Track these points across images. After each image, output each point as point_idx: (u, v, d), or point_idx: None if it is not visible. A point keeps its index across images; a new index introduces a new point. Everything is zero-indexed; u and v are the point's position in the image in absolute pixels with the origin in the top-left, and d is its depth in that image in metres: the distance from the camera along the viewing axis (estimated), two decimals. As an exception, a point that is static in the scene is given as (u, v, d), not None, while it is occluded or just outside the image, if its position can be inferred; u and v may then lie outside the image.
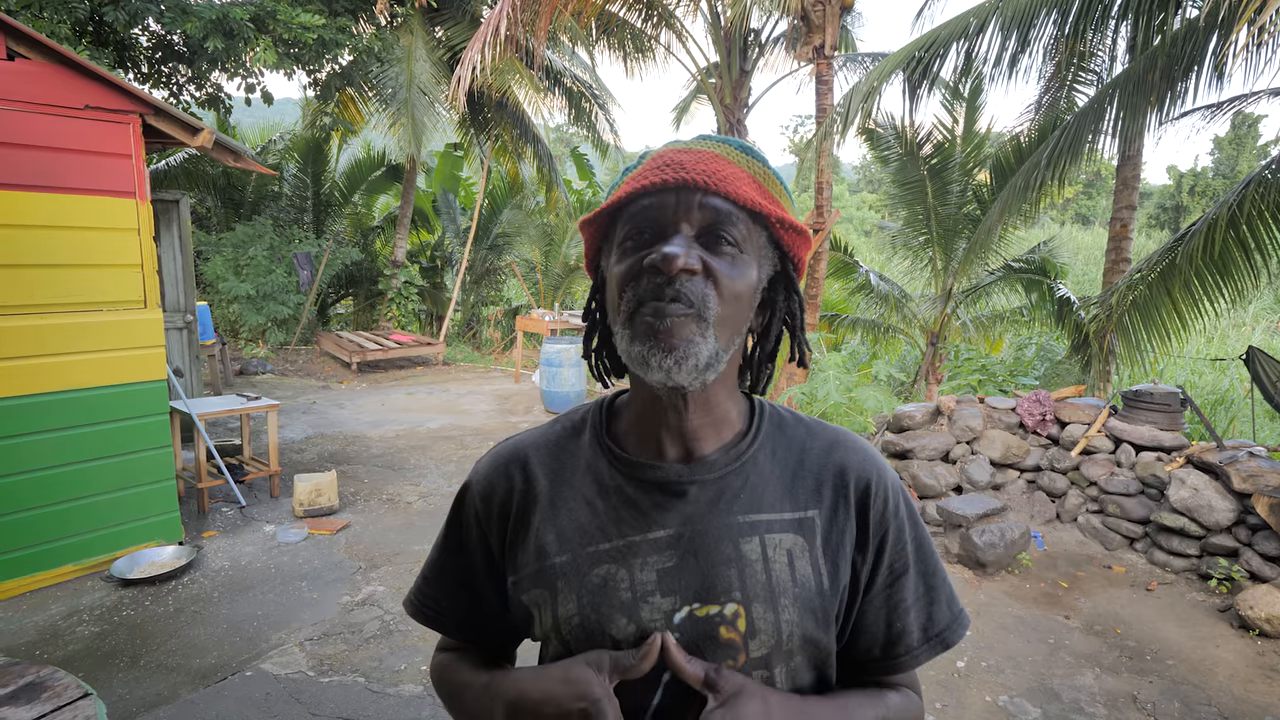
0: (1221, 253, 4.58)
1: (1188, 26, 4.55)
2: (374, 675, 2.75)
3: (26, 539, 3.26)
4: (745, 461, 0.72)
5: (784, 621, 0.68)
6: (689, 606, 0.67)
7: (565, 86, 10.61)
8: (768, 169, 0.72)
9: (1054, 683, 2.80)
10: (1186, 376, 8.44)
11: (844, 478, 0.73)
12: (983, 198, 7.45)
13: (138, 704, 2.52)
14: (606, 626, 0.68)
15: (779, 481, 0.72)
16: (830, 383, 5.24)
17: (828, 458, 0.74)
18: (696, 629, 0.67)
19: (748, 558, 0.68)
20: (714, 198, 0.65)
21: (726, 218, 0.66)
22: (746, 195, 0.66)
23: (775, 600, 0.68)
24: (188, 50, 7.49)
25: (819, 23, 6.39)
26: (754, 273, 0.68)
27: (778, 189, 0.72)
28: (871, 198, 29.00)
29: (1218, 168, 25.80)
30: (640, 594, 0.68)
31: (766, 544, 0.69)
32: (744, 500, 0.71)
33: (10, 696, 1.38)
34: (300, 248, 10.31)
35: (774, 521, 0.70)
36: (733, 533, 0.69)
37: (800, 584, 0.69)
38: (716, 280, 0.64)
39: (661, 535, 0.70)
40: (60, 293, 3.25)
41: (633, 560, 0.69)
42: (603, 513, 0.72)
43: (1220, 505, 3.61)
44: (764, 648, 0.67)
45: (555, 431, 0.80)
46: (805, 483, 0.73)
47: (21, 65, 3.06)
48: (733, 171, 0.67)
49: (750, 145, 0.73)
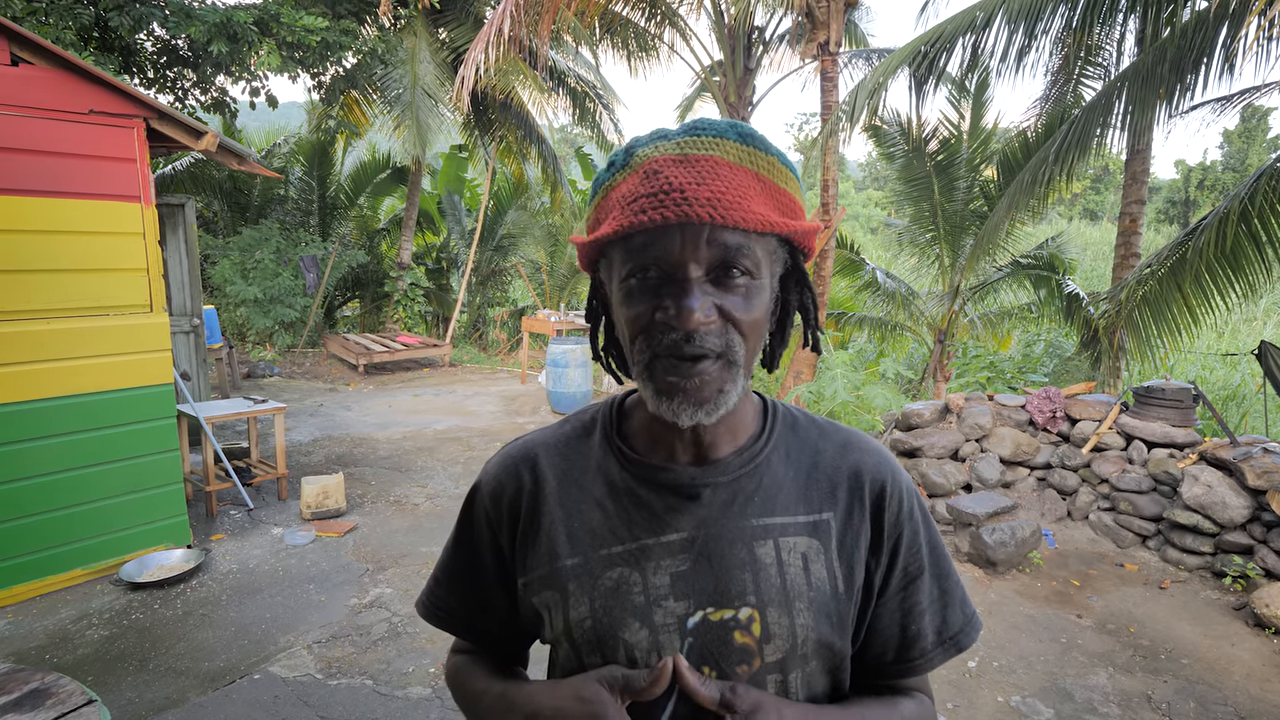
0: (1233, 247, 4.53)
1: (1197, 18, 4.50)
2: (382, 678, 2.74)
3: (36, 543, 3.27)
4: (759, 464, 0.71)
5: (799, 626, 0.67)
6: (703, 611, 0.67)
7: (569, 86, 10.60)
8: (770, 156, 0.64)
9: (1067, 682, 2.77)
10: (1197, 372, 8.37)
11: (859, 480, 0.72)
12: (990, 194, 7.40)
13: (147, 708, 2.53)
14: (619, 630, 0.67)
15: (793, 484, 0.71)
16: (838, 381, 5.21)
17: (842, 459, 0.73)
18: (710, 634, 0.66)
19: (762, 561, 0.68)
20: (723, 232, 0.60)
21: (737, 251, 0.61)
22: (757, 217, 0.60)
23: (790, 604, 0.67)
24: (192, 54, 7.52)
25: (823, 19, 6.35)
26: (768, 292, 0.66)
27: (784, 176, 0.65)
28: (877, 195, 28.90)
29: (1227, 161, 25.59)
30: (654, 598, 0.67)
31: (781, 547, 0.68)
32: (758, 503, 0.70)
33: (15, 703, 1.38)
34: (306, 251, 10.34)
35: (788, 524, 0.69)
36: (746, 536, 0.68)
37: (815, 588, 0.68)
38: (736, 322, 0.62)
39: (675, 539, 0.69)
40: (66, 298, 3.25)
41: (645, 563, 0.68)
42: (614, 514, 0.71)
43: (1234, 502, 3.56)
44: (779, 652, 0.66)
45: (565, 431, 0.79)
46: (819, 485, 0.72)
47: (26, 71, 3.07)
48: (737, 183, 0.60)
49: (750, 131, 0.65)
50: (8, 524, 3.18)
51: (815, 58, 6.73)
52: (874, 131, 7.86)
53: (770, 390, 7.13)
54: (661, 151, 0.62)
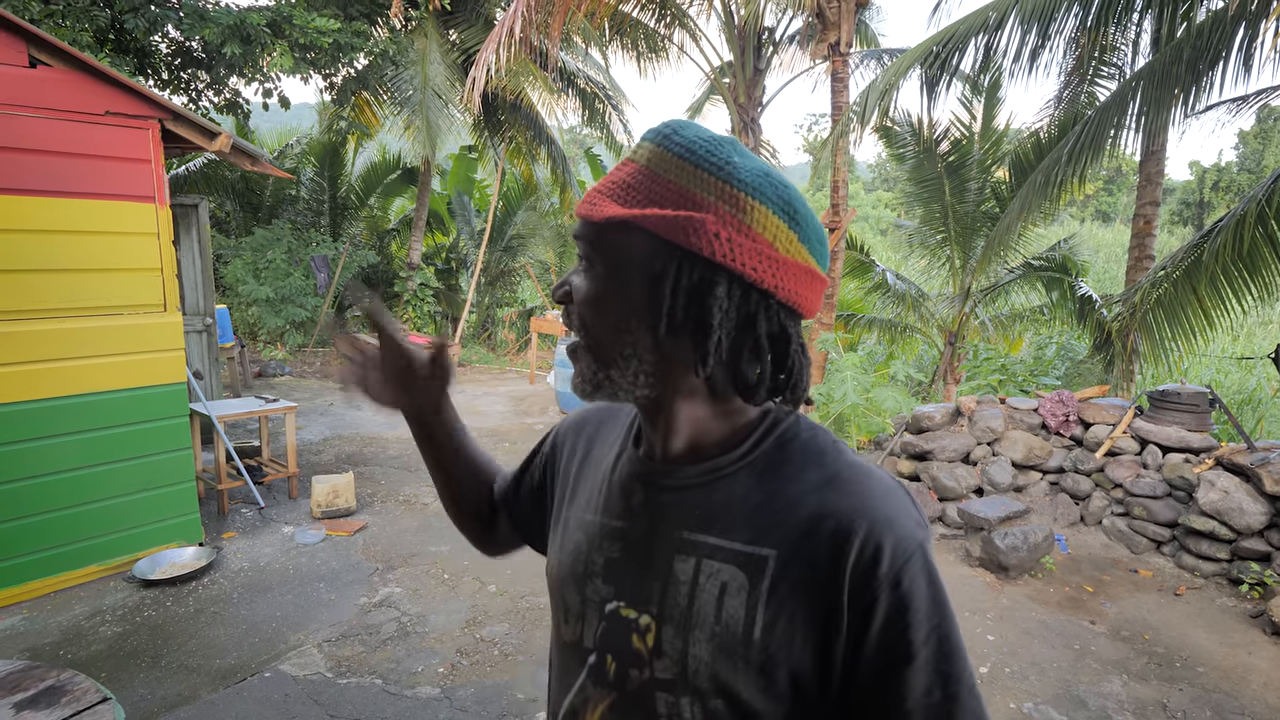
0: (1250, 249, 4.48)
1: (1214, 17, 4.45)
2: (391, 677, 2.75)
3: (51, 540, 3.30)
4: (721, 477, 0.66)
5: (692, 655, 0.62)
6: (619, 602, 0.68)
7: (579, 88, 10.61)
8: (671, 152, 0.62)
9: (1080, 689, 2.74)
10: (1212, 376, 8.28)
11: (819, 522, 0.60)
12: (1001, 195, 7.35)
13: (159, 704, 2.54)
14: (563, 589, 0.73)
15: (748, 507, 0.64)
16: (848, 383, 5.19)
17: (813, 495, 0.62)
18: (616, 626, 0.67)
19: (677, 576, 0.64)
20: (583, 225, 0.66)
21: (586, 240, 0.65)
22: (604, 212, 0.63)
23: (688, 630, 0.62)
24: (206, 56, 7.57)
25: (834, 19, 6.33)
26: (607, 283, 0.64)
27: (680, 169, 0.61)
28: (887, 196, 28.78)
29: (1243, 162, 25.33)
30: (590, 571, 0.71)
31: (702, 569, 0.63)
32: (697, 517, 0.65)
33: (30, 700, 1.39)
34: (317, 251, 10.40)
35: (719, 548, 0.63)
36: (671, 546, 0.66)
37: (724, 624, 0.61)
38: (575, 298, 0.66)
39: (616, 525, 0.71)
40: (82, 297, 3.28)
41: (595, 539, 0.72)
42: (602, 485, 0.75)
43: (1251, 508, 3.52)
44: (668, 673, 0.63)
45: (628, 405, 0.85)
46: (774, 516, 0.62)
47: (44, 72, 3.10)
48: (616, 178, 0.65)
49: (669, 132, 0.63)
50: (23, 520, 3.21)
51: (826, 58, 6.71)
52: (885, 132, 7.83)
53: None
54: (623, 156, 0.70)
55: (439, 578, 3.58)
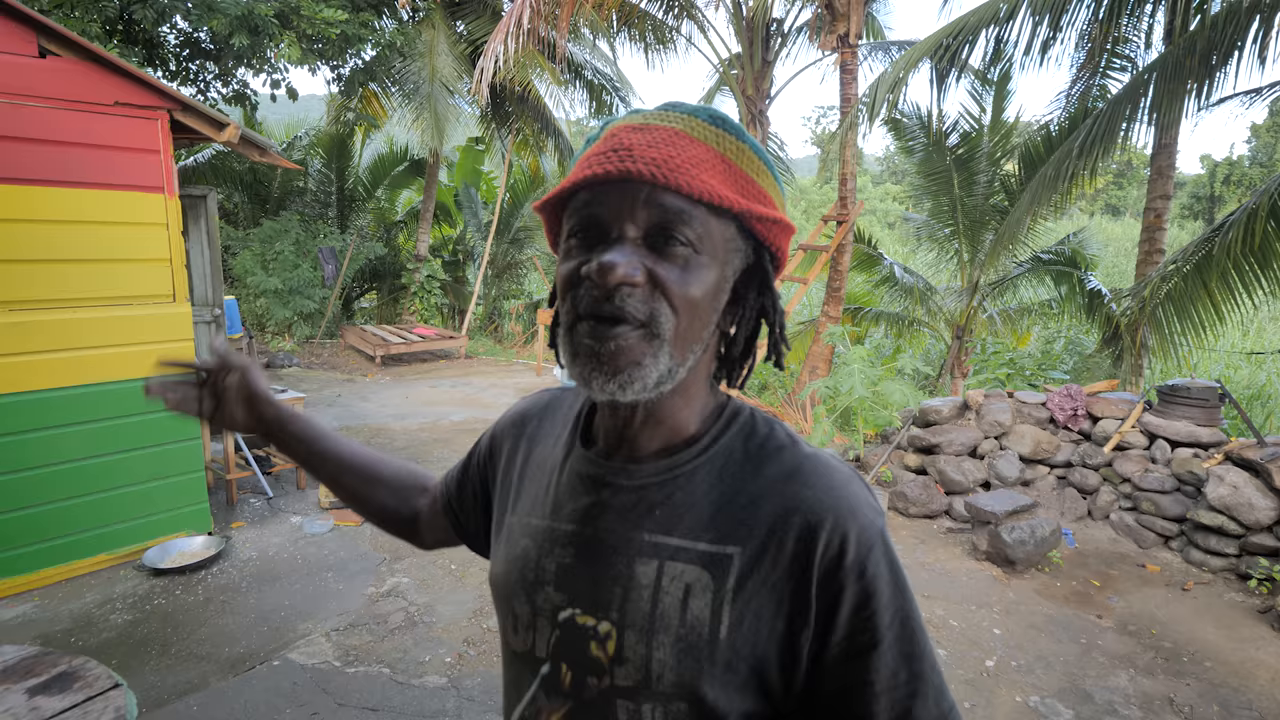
0: (1262, 244, 4.44)
1: (1228, 9, 4.40)
2: (399, 666, 2.77)
3: (62, 529, 3.33)
4: (679, 475, 0.64)
5: (655, 660, 0.60)
6: (573, 609, 0.64)
7: (586, 79, 10.59)
8: (743, 143, 0.62)
9: (1086, 684, 2.74)
10: (1221, 370, 8.23)
11: (786, 516, 0.59)
12: (1011, 188, 7.30)
13: (169, 692, 2.57)
14: (512, 598, 0.69)
15: (709, 505, 0.62)
16: (855, 376, 5.17)
17: (777, 489, 0.61)
18: (572, 634, 0.64)
19: (638, 580, 0.61)
20: (664, 193, 0.56)
21: (677, 216, 0.56)
22: (705, 187, 0.56)
23: (651, 634, 0.60)
24: (214, 47, 7.58)
25: (843, 11, 6.29)
26: (714, 274, 0.60)
27: (756, 166, 0.62)
28: (895, 189, 28.63)
29: (1254, 156, 25.08)
30: (541, 579, 0.67)
31: (665, 572, 0.61)
32: (658, 517, 0.63)
33: (43, 686, 1.40)
34: (325, 242, 10.43)
35: (681, 549, 0.61)
36: (630, 549, 0.63)
37: (689, 626, 0.59)
38: (666, 290, 0.57)
39: (567, 529, 0.67)
40: (91, 287, 3.30)
41: (544, 544, 0.68)
42: (549, 487, 0.71)
43: (1261, 503, 3.50)
44: (630, 679, 0.61)
45: (570, 395, 0.81)
46: (735, 513, 0.61)
47: (53, 63, 3.10)
48: (693, 154, 0.58)
49: (724, 116, 0.62)
50: (34, 509, 3.24)
51: (835, 50, 6.67)
52: (893, 125, 7.78)
53: (786, 385, 7.09)
54: (629, 122, 0.62)
55: (446, 568, 3.60)
